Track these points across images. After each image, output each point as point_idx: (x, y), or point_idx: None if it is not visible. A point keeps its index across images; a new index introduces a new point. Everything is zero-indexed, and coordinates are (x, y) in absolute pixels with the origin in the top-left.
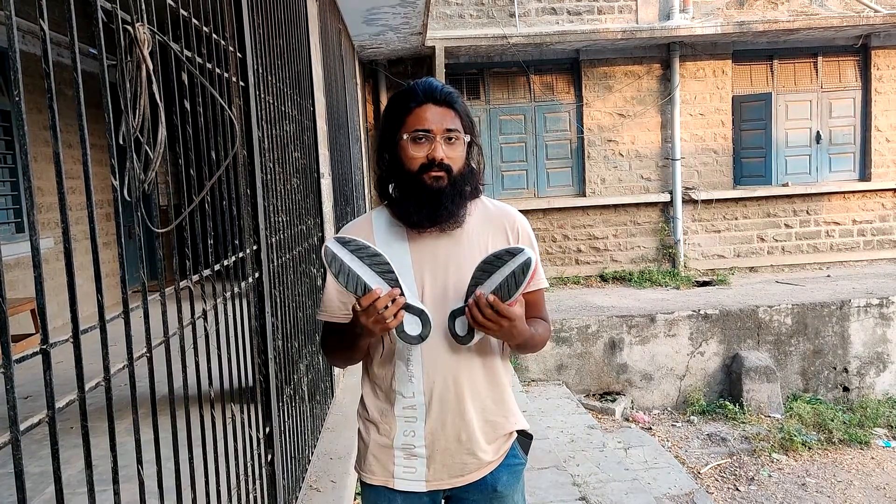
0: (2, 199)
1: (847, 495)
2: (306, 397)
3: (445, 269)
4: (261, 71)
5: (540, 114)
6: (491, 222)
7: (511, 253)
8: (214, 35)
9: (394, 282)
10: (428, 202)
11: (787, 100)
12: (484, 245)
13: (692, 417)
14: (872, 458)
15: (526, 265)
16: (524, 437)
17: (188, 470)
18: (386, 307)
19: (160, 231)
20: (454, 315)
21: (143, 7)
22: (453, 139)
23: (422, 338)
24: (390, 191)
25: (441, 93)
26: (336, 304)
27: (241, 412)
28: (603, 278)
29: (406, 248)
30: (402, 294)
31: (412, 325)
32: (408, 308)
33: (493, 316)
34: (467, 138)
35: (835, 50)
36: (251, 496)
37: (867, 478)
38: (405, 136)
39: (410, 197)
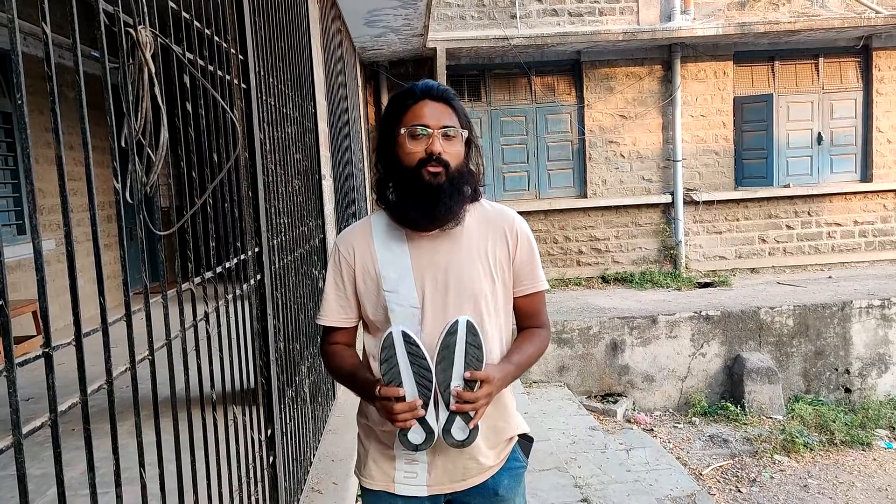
0: (4, 202)
1: (849, 497)
2: (308, 399)
3: (446, 273)
4: (262, 73)
5: (541, 115)
6: (490, 225)
7: (451, 332)
8: (216, 37)
9: (426, 397)
10: (426, 198)
11: (789, 101)
12: (483, 248)
13: (694, 419)
14: (874, 459)
15: (469, 326)
16: (525, 441)
17: (190, 472)
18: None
19: (162, 233)
20: (447, 428)
21: (146, 10)
22: (451, 135)
23: (417, 449)
24: (388, 195)
25: (437, 90)
26: (335, 307)
27: (243, 414)
28: (604, 279)
29: (406, 251)
30: (423, 408)
31: (416, 435)
32: (421, 422)
33: (483, 395)
34: (465, 134)
35: (836, 51)
36: (253, 498)
37: (869, 479)
38: (403, 132)
39: (408, 194)
